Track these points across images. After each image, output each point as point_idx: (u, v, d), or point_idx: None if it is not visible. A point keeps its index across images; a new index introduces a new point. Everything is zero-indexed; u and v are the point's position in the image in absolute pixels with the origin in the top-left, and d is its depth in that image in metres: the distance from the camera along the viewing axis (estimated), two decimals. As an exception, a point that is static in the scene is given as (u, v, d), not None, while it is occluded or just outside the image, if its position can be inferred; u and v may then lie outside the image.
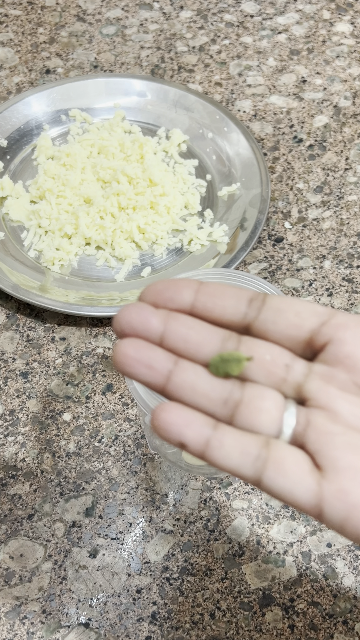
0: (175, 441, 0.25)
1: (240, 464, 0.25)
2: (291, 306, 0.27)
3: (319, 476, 0.25)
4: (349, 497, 0.24)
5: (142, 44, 0.80)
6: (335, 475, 0.25)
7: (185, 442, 0.25)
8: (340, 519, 0.24)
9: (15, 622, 0.46)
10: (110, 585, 0.47)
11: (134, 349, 0.26)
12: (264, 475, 0.25)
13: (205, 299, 0.27)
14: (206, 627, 0.46)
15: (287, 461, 0.25)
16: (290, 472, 0.25)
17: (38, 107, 0.71)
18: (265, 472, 0.25)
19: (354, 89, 0.76)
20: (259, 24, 0.82)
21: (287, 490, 0.25)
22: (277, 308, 0.27)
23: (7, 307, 0.61)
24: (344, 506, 0.24)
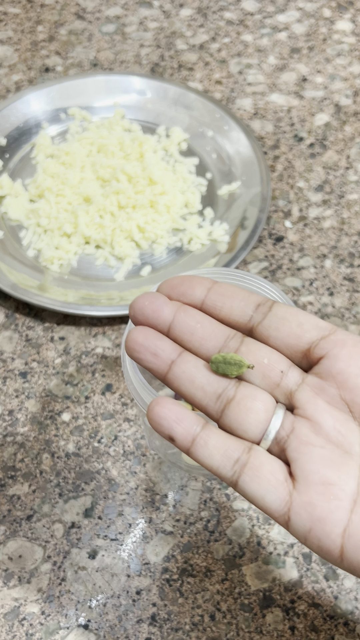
0: (165, 434, 0.27)
1: (221, 464, 0.27)
2: (295, 316, 0.28)
3: (292, 487, 0.26)
4: (315, 510, 0.26)
5: (141, 42, 0.80)
6: (306, 488, 0.26)
7: (174, 436, 0.27)
8: (305, 530, 0.26)
9: (14, 624, 0.46)
10: (110, 586, 0.47)
11: (143, 336, 0.28)
12: (240, 479, 0.27)
13: (215, 298, 0.29)
14: (206, 628, 0.45)
15: (264, 469, 0.27)
16: (265, 480, 0.26)
17: (37, 105, 0.71)
18: (242, 477, 0.27)
19: (355, 88, 0.76)
20: (260, 22, 0.82)
21: (259, 496, 0.27)
22: (281, 316, 0.28)
23: (5, 306, 0.60)
24: (309, 518, 0.26)
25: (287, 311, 0.28)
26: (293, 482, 0.26)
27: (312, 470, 0.26)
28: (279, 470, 0.27)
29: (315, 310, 0.59)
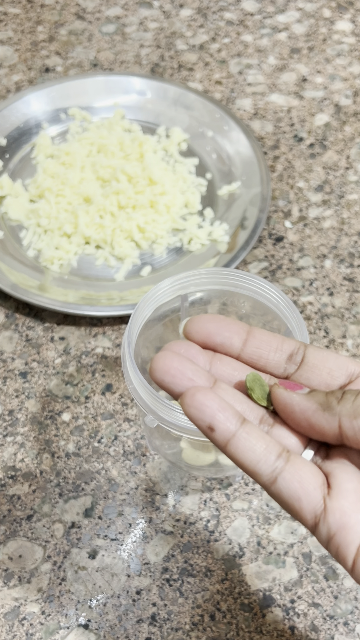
0: (205, 422, 0.26)
1: (262, 458, 0.26)
2: (325, 363, 0.29)
3: (326, 492, 0.27)
4: (343, 517, 0.26)
5: (141, 43, 0.80)
6: (339, 494, 0.26)
7: (215, 426, 0.26)
8: (329, 535, 0.26)
9: (14, 624, 0.46)
10: (110, 586, 0.47)
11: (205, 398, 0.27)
12: (281, 476, 0.26)
13: (251, 351, 0.30)
14: (206, 628, 0.46)
15: (306, 469, 0.27)
16: (306, 480, 0.26)
17: (37, 105, 0.71)
18: (283, 473, 0.26)
19: (355, 88, 0.76)
20: (260, 22, 0.82)
21: (297, 496, 0.26)
22: (312, 364, 0.29)
23: (5, 306, 0.60)
24: (335, 523, 0.26)
25: (318, 358, 0.29)
26: (328, 489, 0.27)
27: (347, 479, 0.27)
28: (318, 473, 0.27)
29: (315, 310, 0.59)
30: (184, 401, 0.26)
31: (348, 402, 0.27)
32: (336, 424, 0.27)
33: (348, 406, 0.27)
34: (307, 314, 0.59)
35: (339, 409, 0.27)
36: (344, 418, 0.27)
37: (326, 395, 0.28)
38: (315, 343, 0.58)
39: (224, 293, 0.48)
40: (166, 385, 0.28)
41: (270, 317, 0.48)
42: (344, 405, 0.27)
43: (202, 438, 0.41)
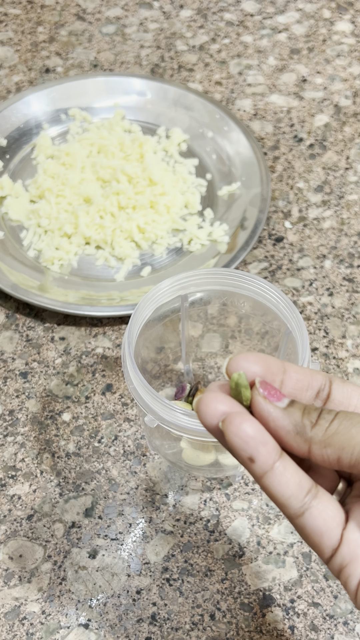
0: (246, 454, 0.27)
1: (294, 494, 0.28)
2: (350, 400, 0.30)
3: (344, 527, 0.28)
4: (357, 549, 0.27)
5: (142, 43, 0.80)
6: (355, 528, 0.28)
7: (256, 459, 0.27)
8: (341, 565, 0.27)
9: (14, 623, 0.46)
10: (110, 586, 0.47)
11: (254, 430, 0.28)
12: (307, 512, 0.28)
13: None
14: (206, 628, 0.46)
15: (330, 507, 0.28)
16: (330, 518, 0.28)
17: (37, 106, 0.71)
18: (310, 510, 0.28)
19: (355, 88, 0.76)
20: (259, 23, 0.82)
21: (319, 532, 0.28)
22: (338, 402, 0.30)
23: (6, 306, 0.60)
24: (348, 554, 0.27)
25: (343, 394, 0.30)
26: (346, 524, 0.28)
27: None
28: (340, 511, 0.28)
29: (315, 310, 0.60)
30: (228, 428, 0.27)
31: (320, 429, 0.27)
32: (306, 449, 0.28)
33: (320, 434, 0.27)
34: (307, 314, 0.60)
35: (310, 434, 0.27)
36: (314, 445, 0.27)
37: (302, 415, 0.28)
38: (315, 343, 0.58)
39: (224, 293, 0.48)
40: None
41: (270, 317, 0.48)
42: (316, 432, 0.27)
43: (202, 438, 0.41)
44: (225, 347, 0.55)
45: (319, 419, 0.27)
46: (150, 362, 0.53)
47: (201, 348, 0.56)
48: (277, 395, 0.28)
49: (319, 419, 0.27)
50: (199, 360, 0.56)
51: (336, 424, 0.27)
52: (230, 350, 0.55)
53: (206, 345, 0.56)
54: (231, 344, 0.55)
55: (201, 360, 0.56)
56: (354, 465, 0.27)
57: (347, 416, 0.27)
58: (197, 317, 0.52)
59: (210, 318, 0.53)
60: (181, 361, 0.55)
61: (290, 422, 0.28)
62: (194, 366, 0.56)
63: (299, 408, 0.28)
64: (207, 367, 0.56)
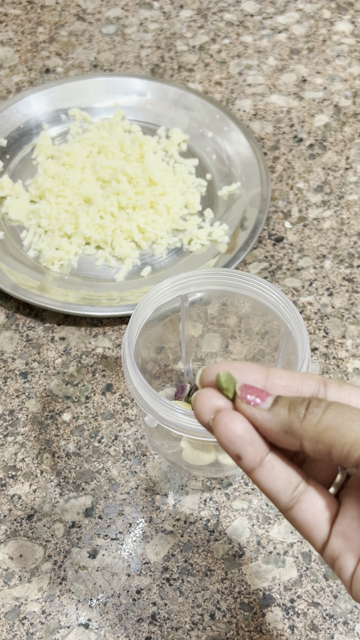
0: (233, 452, 0.28)
1: (282, 489, 0.28)
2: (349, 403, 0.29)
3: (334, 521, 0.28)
4: (346, 542, 0.28)
5: (142, 43, 0.80)
6: (343, 520, 0.28)
7: (243, 456, 0.28)
8: (333, 558, 0.28)
9: (15, 623, 0.46)
10: (110, 585, 0.47)
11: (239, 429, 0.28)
12: (296, 506, 0.28)
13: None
14: (206, 627, 0.46)
15: (320, 502, 0.28)
16: (318, 512, 0.28)
17: (38, 106, 0.71)
18: (298, 504, 0.28)
19: (355, 88, 0.76)
20: (259, 23, 0.82)
21: (309, 527, 0.28)
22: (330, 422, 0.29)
23: (6, 306, 0.60)
24: (337, 547, 0.28)
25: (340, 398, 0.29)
26: (336, 516, 0.28)
27: (353, 506, 0.28)
28: (331, 504, 0.28)
29: (315, 310, 0.60)
30: (217, 427, 0.28)
31: (310, 424, 0.27)
32: (298, 444, 0.27)
33: (310, 430, 0.27)
34: (307, 314, 0.60)
35: (300, 431, 0.27)
36: (305, 442, 0.27)
37: (289, 410, 0.28)
38: (315, 343, 0.58)
39: (224, 293, 0.49)
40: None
41: (270, 318, 0.48)
42: (306, 429, 0.27)
43: (202, 438, 0.41)
44: (225, 347, 0.56)
45: (307, 413, 0.27)
46: (150, 362, 0.53)
47: (201, 348, 0.56)
48: (260, 395, 0.28)
49: (307, 413, 0.27)
50: (199, 360, 0.56)
51: (327, 419, 0.27)
52: (230, 350, 0.55)
53: (206, 345, 0.56)
54: (231, 344, 0.55)
55: (201, 360, 0.56)
56: (344, 461, 0.27)
57: (338, 410, 0.27)
58: (197, 317, 0.52)
59: (210, 318, 0.53)
60: (181, 361, 0.55)
61: (277, 422, 0.28)
62: (194, 366, 0.56)
63: (284, 405, 0.28)
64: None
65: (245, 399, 0.28)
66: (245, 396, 0.28)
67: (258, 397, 0.28)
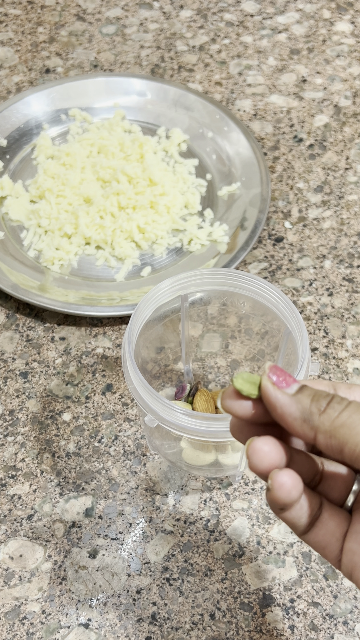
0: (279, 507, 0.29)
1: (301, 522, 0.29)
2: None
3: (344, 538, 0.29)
4: (354, 557, 0.28)
5: (142, 44, 0.80)
6: (353, 535, 0.29)
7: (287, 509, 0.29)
8: (349, 572, 0.29)
9: (15, 623, 0.46)
10: (110, 585, 0.47)
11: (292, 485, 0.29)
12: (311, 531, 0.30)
13: None
14: (206, 627, 0.46)
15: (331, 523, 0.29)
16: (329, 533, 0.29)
17: (38, 106, 0.71)
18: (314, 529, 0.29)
19: (354, 89, 0.76)
20: (259, 23, 0.82)
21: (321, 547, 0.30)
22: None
23: (6, 306, 0.60)
24: (349, 563, 0.29)
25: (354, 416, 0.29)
26: (348, 531, 0.29)
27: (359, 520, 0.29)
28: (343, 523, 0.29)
29: (315, 310, 0.60)
30: (274, 486, 0.28)
31: (328, 418, 0.27)
32: (312, 436, 0.28)
33: (327, 423, 0.27)
34: (307, 314, 0.60)
35: (317, 422, 0.27)
36: (320, 434, 0.27)
37: (312, 401, 0.28)
38: (315, 343, 0.58)
39: (224, 293, 0.49)
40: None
41: (270, 318, 0.48)
42: (323, 422, 0.27)
43: (202, 438, 0.41)
44: (225, 347, 0.56)
45: (327, 407, 0.27)
46: (150, 362, 0.53)
47: (201, 348, 0.56)
48: (287, 380, 0.28)
49: (328, 407, 0.27)
50: (199, 360, 0.56)
51: (345, 416, 0.27)
52: (230, 350, 0.55)
53: (206, 345, 0.56)
54: (231, 344, 0.55)
55: (201, 360, 0.56)
56: (355, 461, 0.27)
57: (358, 409, 0.27)
58: (197, 317, 0.52)
59: (210, 318, 0.53)
60: (181, 361, 0.55)
61: (297, 409, 0.28)
62: (194, 366, 0.56)
63: (308, 394, 0.28)
64: (207, 367, 0.56)
65: (272, 379, 0.28)
66: (273, 377, 0.28)
67: (285, 381, 0.28)
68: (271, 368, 0.28)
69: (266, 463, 0.28)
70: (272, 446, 0.28)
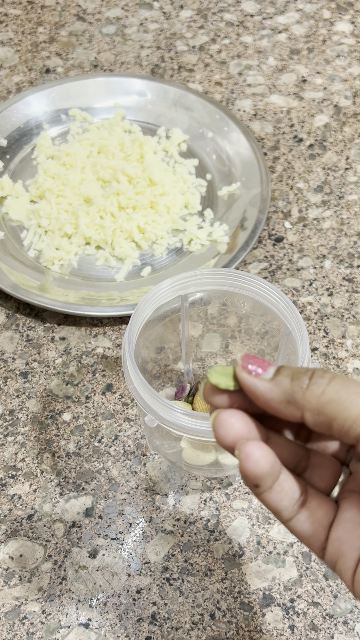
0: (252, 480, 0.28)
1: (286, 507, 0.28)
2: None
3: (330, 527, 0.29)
4: (341, 546, 0.28)
5: (142, 44, 0.80)
6: (339, 525, 0.28)
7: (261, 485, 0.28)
8: (333, 562, 0.28)
9: (15, 623, 0.46)
10: (110, 585, 0.47)
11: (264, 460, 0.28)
12: (295, 518, 0.29)
13: None
14: (206, 627, 0.46)
15: (318, 512, 0.29)
16: (316, 522, 0.28)
17: (38, 106, 0.71)
18: (297, 516, 0.29)
19: (354, 89, 0.76)
20: (259, 23, 0.82)
21: (306, 536, 0.29)
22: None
23: (6, 306, 0.60)
24: (335, 552, 0.28)
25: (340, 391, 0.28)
26: (334, 520, 0.29)
27: (347, 509, 0.28)
28: (329, 512, 0.29)
29: (315, 310, 0.60)
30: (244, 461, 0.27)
31: (313, 395, 0.26)
32: (299, 415, 0.27)
33: (313, 401, 0.26)
34: (307, 314, 0.60)
35: (303, 401, 0.27)
36: (307, 412, 0.27)
37: (292, 380, 0.27)
38: (315, 343, 0.58)
39: (224, 293, 0.49)
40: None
41: (270, 318, 0.48)
42: (309, 399, 0.26)
43: (202, 438, 0.41)
44: (225, 347, 0.56)
45: (310, 384, 0.27)
46: (150, 362, 0.53)
47: (201, 348, 0.56)
48: (262, 365, 0.28)
49: (311, 383, 0.27)
50: (199, 360, 0.56)
51: (331, 392, 0.26)
52: (230, 350, 0.55)
53: (206, 345, 0.56)
54: (231, 344, 0.55)
55: (201, 360, 0.56)
56: (345, 436, 0.26)
57: (343, 383, 0.26)
58: (197, 317, 0.52)
59: (210, 318, 0.53)
60: (181, 361, 0.55)
61: (279, 392, 0.27)
62: (194, 366, 0.56)
63: (286, 374, 0.27)
64: (207, 367, 0.56)
65: (247, 368, 0.28)
66: (247, 366, 0.28)
67: (260, 366, 0.28)
68: (243, 357, 0.28)
69: (232, 434, 0.27)
70: (239, 418, 0.28)
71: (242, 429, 0.27)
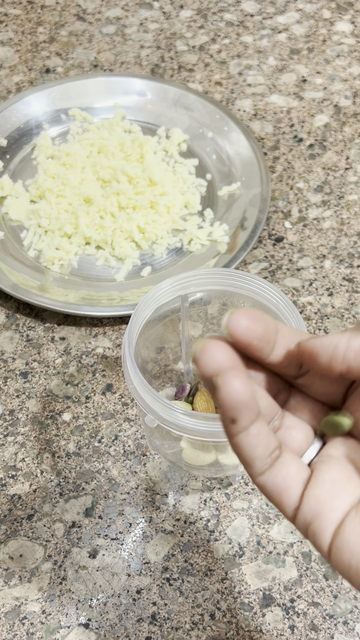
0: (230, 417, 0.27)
1: (260, 456, 0.27)
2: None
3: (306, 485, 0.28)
4: (318, 505, 0.27)
5: (142, 43, 0.80)
6: (316, 484, 0.27)
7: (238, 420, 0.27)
8: (306, 523, 0.27)
9: (15, 623, 0.46)
10: (110, 585, 0.47)
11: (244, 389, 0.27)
12: (268, 471, 0.28)
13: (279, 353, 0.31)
14: (206, 627, 0.46)
15: (292, 465, 0.28)
16: (289, 476, 0.28)
17: (38, 106, 0.71)
18: (271, 469, 0.28)
19: (355, 89, 0.76)
20: (259, 23, 0.82)
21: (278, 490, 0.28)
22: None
23: (6, 306, 0.60)
24: (310, 511, 0.27)
25: None
26: (309, 482, 0.28)
27: (326, 470, 0.28)
28: (303, 469, 0.28)
29: (315, 310, 0.60)
30: (222, 388, 0.26)
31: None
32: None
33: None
34: (307, 314, 0.60)
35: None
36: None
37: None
38: (315, 343, 0.58)
39: (224, 293, 0.49)
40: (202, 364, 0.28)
41: (270, 318, 0.48)
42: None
43: (202, 438, 0.41)
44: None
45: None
46: (151, 362, 0.53)
47: (201, 348, 0.56)
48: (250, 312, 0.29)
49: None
50: (199, 360, 0.56)
51: None
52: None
53: (206, 345, 0.56)
54: (231, 344, 0.55)
55: (201, 360, 0.56)
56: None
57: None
58: (197, 317, 0.52)
59: (210, 318, 0.53)
60: (181, 361, 0.55)
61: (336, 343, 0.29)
62: (194, 366, 0.56)
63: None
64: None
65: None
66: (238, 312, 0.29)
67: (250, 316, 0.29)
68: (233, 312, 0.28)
69: (217, 363, 0.27)
70: (225, 348, 0.27)
71: (227, 359, 0.27)
